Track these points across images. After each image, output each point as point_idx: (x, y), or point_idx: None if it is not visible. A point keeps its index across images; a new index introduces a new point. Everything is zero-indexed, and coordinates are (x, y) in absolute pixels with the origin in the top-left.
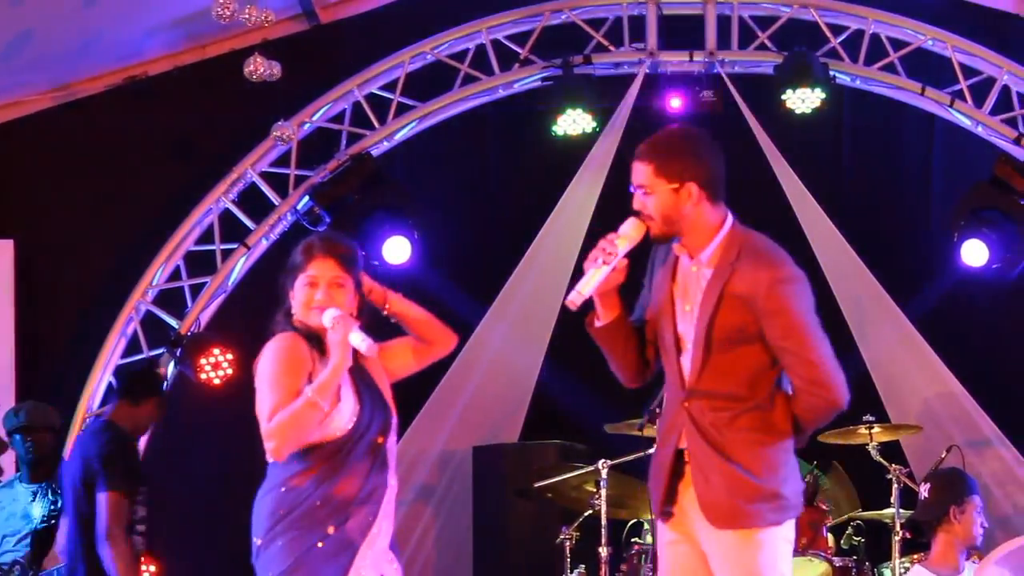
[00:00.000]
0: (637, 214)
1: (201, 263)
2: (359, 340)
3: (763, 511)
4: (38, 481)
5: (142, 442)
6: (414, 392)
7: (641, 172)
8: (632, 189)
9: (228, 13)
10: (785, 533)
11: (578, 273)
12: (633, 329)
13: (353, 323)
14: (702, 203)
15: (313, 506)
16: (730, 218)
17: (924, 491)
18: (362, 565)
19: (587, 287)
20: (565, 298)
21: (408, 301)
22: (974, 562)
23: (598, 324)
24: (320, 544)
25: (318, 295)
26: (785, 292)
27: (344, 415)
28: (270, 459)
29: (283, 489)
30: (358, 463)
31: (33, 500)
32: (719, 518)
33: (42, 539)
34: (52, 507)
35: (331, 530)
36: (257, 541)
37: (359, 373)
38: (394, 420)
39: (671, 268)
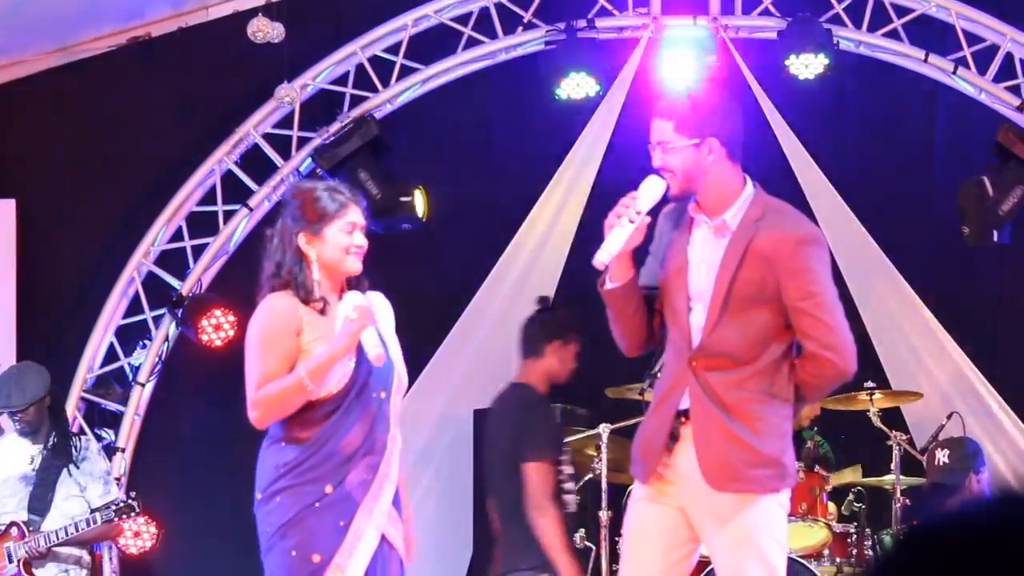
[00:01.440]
0: (656, 172)
1: (203, 224)
2: (372, 345)
3: (763, 477)
4: (37, 444)
5: (144, 401)
6: (415, 355)
7: (661, 128)
8: (651, 146)
9: None
10: (782, 499)
11: (594, 237)
12: (642, 295)
13: (373, 321)
14: (723, 160)
15: (314, 463)
16: (751, 181)
17: (943, 457)
18: (362, 521)
19: (614, 246)
20: (593, 259)
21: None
22: None
23: (611, 286)
24: (317, 504)
25: (357, 239)
26: (809, 253)
27: (339, 372)
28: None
29: (284, 444)
30: (359, 419)
31: (31, 461)
32: (719, 480)
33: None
34: (45, 463)
35: (329, 489)
36: (258, 495)
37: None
38: (399, 376)
39: (686, 229)
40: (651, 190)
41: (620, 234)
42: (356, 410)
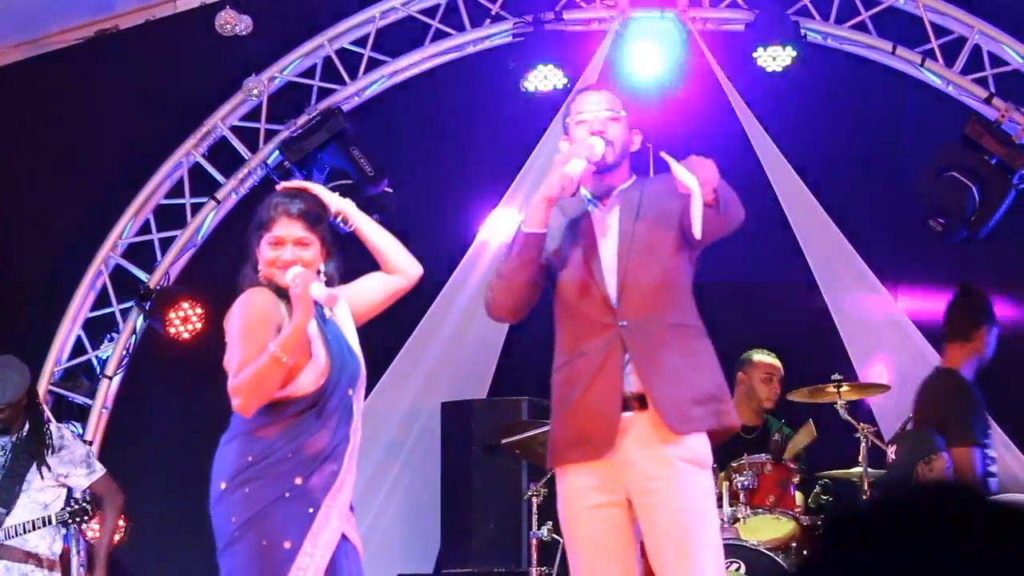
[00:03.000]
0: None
1: (171, 217)
2: (319, 291)
3: (704, 413)
4: (8, 435)
5: (111, 394)
6: (383, 347)
7: (610, 100)
8: (590, 113)
9: None
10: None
11: None
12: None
13: (313, 277)
14: (631, 156)
15: (282, 457)
16: None
17: (891, 453)
18: (324, 522)
19: (576, 169)
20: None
21: (374, 223)
22: None
23: (532, 230)
24: (287, 495)
25: (283, 254)
26: None
27: (314, 371)
28: (237, 413)
29: (252, 435)
30: (328, 419)
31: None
32: (676, 421)
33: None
34: (15, 455)
35: (298, 480)
36: (222, 485)
37: (328, 326)
38: (362, 371)
39: (584, 219)
40: (597, 145)
41: (579, 164)
42: (327, 411)
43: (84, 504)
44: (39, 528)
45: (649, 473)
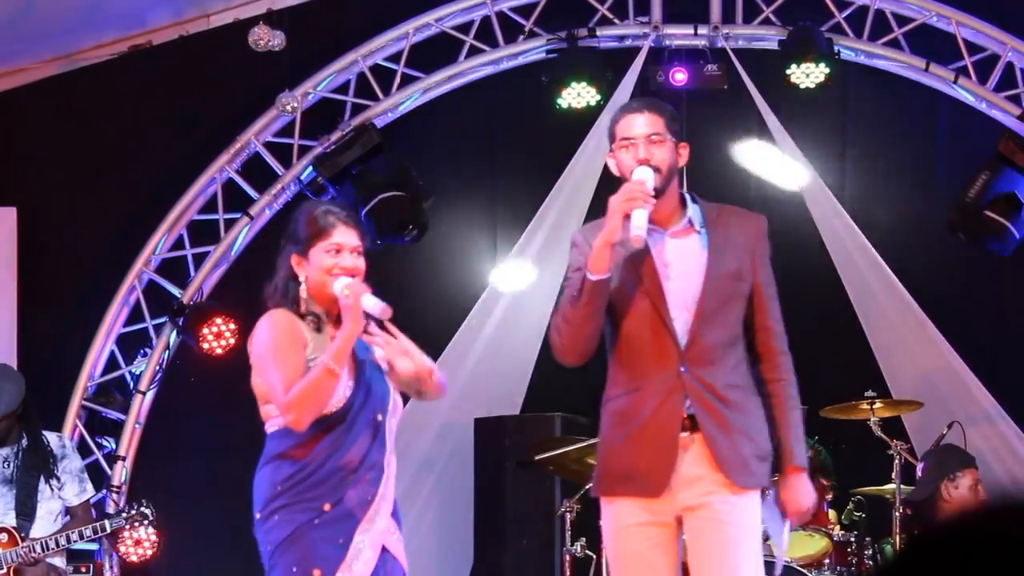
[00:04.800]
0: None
1: (204, 232)
2: (372, 303)
3: (765, 470)
4: (8, 446)
5: (144, 409)
6: None
7: (655, 122)
8: (633, 140)
9: None
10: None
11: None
12: None
13: (365, 288)
14: (681, 171)
15: (313, 482)
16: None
17: (919, 470)
18: (361, 541)
19: (642, 223)
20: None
21: (405, 348)
22: None
23: (599, 277)
24: (316, 521)
25: (342, 261)
26: (768, 245)
27: (339, 389)
28: (285, 427)
29: (280, 461)
30: (358, 437)
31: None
32: (740, 475)
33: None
34: (22, 468)
35: (327, 507)
36: (257, 514)
37: (359, 347)
38: (395, 398)
39: (643, 251)
40: (648, 179)
41: (642, 215)
42: (355, 429)
43: (144, 509)
44: (88, 537)
45: (701, 490)
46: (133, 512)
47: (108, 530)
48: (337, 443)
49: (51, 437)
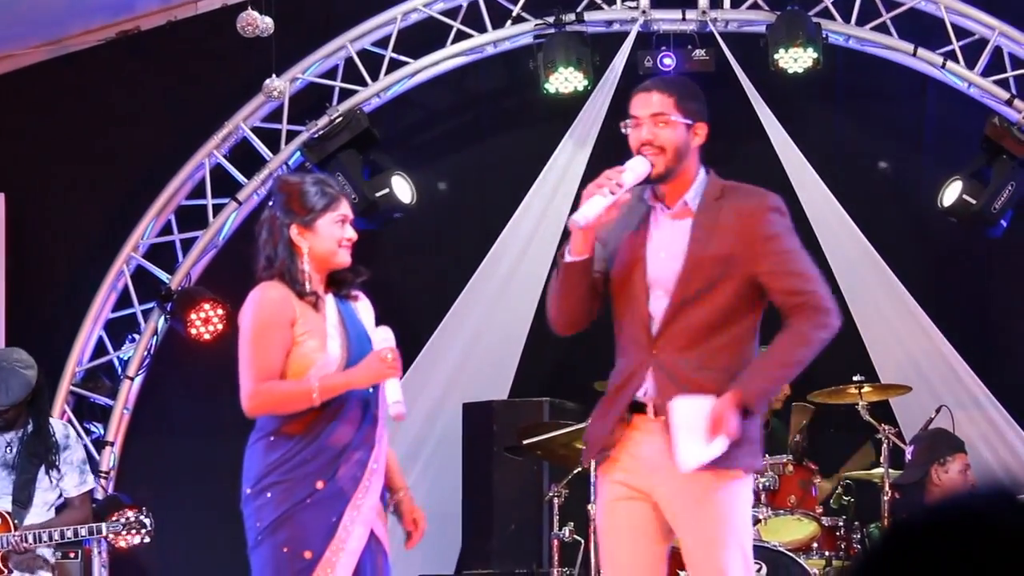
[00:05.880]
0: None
1: (192, 218)
2: (395, 393)
3: (739, 454)
4: (13, 431)
5: (132, 395)
6: (403, 348)
7: (661, 102)
8: (636, 122)
9: None
10: (750, 483)
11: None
12: (593, 277)
13: (399, 371)
14: (699, 149)
15: (305, 457)
16: (703, 167)
17: (909, 453)
18: (351, 519)
19: (591, 212)
20: (568, 218)
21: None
22: None
23: (572, 259)
24: (308, 500)
25: (347, 232)
26: (777, 220)
27: (329, 366)
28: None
29: (273, 438)
30: (349, 412)
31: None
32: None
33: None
34: (24, 454)
35: (320, 485)
36: (247, 489)
37: (351, 322)
38: None
39: (643, 218)
40: (635, 168)
41: (599, 202)
42: (347, 405)
43: (143, 518)
44: (82, 536)
45: (665, 475)
46: (132, 520)
47: (104, 533)
48: (329, 420)
49: (57, 426)
